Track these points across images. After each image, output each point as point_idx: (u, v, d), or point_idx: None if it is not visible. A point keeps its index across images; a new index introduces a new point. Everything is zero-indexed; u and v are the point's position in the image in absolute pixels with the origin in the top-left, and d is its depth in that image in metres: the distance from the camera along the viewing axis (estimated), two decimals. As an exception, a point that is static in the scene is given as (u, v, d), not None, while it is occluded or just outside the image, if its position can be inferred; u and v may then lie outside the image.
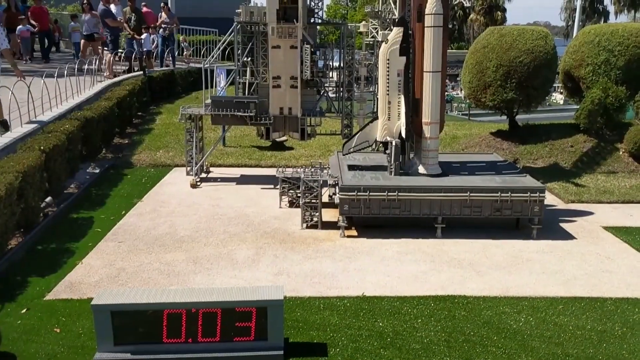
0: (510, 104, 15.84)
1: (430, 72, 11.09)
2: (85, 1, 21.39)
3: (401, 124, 11.39)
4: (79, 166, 13.76)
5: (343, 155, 12.58)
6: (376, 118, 12.04)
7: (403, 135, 11.39)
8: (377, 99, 12.29)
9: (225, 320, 6.58)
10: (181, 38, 27.67)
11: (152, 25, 23.28)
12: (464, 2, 13.47)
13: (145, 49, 21.95)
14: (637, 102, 15.77)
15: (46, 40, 24.49)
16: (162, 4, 24.41)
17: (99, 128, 14.87)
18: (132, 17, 22.08)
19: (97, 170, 14.46)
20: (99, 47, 22.19)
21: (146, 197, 12.90)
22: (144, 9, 23.74)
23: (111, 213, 11.82)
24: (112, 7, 21.97)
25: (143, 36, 21.84)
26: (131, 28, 21.68)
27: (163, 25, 23.70)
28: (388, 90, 11.38)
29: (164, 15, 23.91)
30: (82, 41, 22.11)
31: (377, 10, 13.04)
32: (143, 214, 11.89)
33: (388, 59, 11.22)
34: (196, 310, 6.53)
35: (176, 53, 25.58)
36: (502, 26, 18.80)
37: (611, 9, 61.70)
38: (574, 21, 47.32)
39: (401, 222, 11.00)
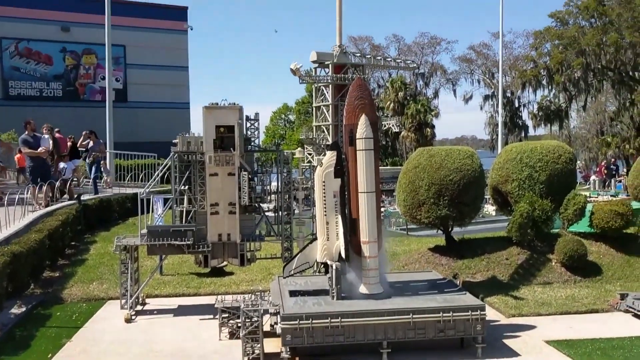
0: (445, 220, 16.32)
1: (365, 192, 11.38)
2: None
3: (340, 244, 11.44)
4: (3, 305, 12.89)
5: (284, 278, 12.40)
6: (315, 239, 12.08)
7: (342, 255, 11.41)
8: (316, 220, 12.42)
9: None
10: (102, 162, 27.46)
11: (65, 152, 22.90)
12: (393, 127, 14.25)
13: (64, 176, 21.55)
14: (562, 214, 16.60)
15: None
16: (86, 132, 24.09)
17: (28, 263, 14.14)
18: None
19: (24, 309, 13.55)
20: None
21: (76, 336, 12.09)
22: (57, 135, 23.47)
23: (36, 357, 10.95)
24: (45, 137, 21.84)
25: (67, 164, 21.62)
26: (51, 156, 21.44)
27: (93, 153, 23.58)
28: (325, 211, 11.54)
29: (91, 142, 23.83)
30: None
31: (311, 137, 13.61)
32: (72, 355, 11.08)
33: (324, 181, 11.49)
34: None
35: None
36: (431, 147, 19.88)
37: (529, 123, 66.71)
38: (497, 135, 50.56)
39: (347, 348, 10.70)
